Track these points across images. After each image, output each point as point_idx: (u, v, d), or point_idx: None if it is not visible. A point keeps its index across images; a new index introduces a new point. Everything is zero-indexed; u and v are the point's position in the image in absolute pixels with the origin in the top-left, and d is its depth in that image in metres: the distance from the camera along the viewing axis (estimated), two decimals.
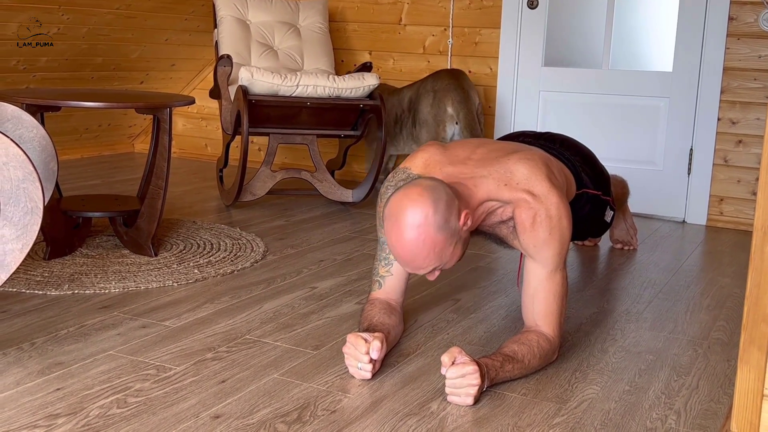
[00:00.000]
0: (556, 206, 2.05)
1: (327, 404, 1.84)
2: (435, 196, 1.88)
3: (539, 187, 2.06)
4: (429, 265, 1.91)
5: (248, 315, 2.40)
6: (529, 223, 2.05)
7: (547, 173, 2.09)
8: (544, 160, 2.14)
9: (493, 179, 2.07)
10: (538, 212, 2.04)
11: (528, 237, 2.06)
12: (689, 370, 2.15)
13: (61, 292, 2.50)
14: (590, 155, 2.64)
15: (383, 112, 3.73)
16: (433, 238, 1.87)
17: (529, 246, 2.07)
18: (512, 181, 2.07)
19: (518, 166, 2.08)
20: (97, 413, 1.73)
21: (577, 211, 2.24)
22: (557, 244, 2.06)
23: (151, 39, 4.50)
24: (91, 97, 2.79)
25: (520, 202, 2.05)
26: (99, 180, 4.34)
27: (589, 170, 2.55)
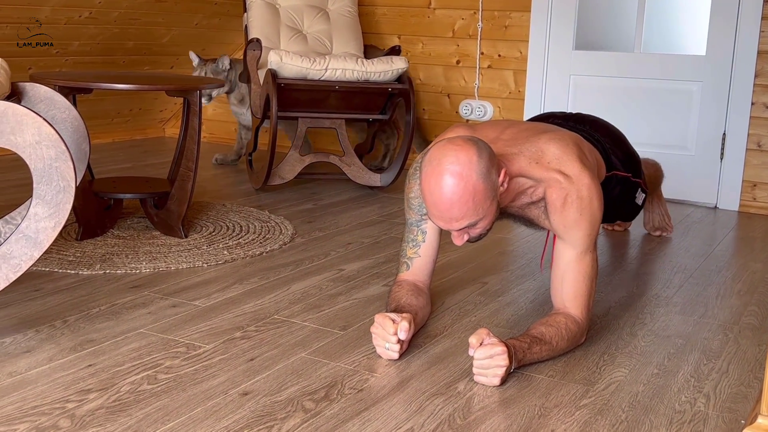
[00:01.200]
0: (587, 187, 2.03)
1: (354, 383, 1.85)
2: (479, 146, 1.88)
3: (571, 168, 2.04)
4: (465, 216, 1.87)
5: (276, 295, 2.42)
6: (560, 204, 2.03)
7: (578, 154, 2.08)
8: (575, 141, 2.13)
9: (525, 156, 2.06)
10: (570, 193, 2.02)
11: (558, 217, 2.05)
12: (719, 354, 2.13)
13: (92, 271, 2.54)
14: (620, 137, 2.62)
15: (412, 96, 3.72)
16: (474, 183, 1.84)
17: (559, 226, 2.06)
18: (543, 159, 2.05)
19: (549, 145, 2.07)
20: (127, 389, 1.76)
21: (606, 193, 2.23)
22: (588, 225, 2.05)
23: (181, 23, 4.52)
24: (122, 79, 2.82)
25: (551, 182, 2.04)
26: (130, 163, 4.38)
27: (619, 152, 2.53)
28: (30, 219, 1.88)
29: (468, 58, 4.48)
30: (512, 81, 4.39)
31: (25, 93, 2.27)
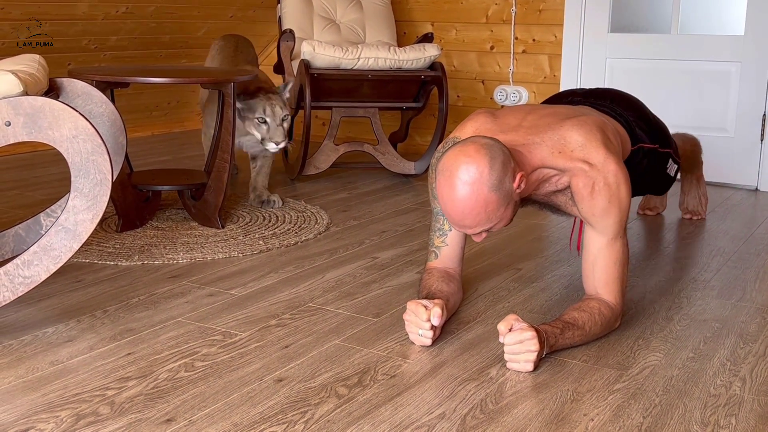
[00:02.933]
0: (614, 174, 2.02)
1: (387, 369, 1.87)
2: (492, 154, 1.87)
3: (596, 156, 2.03)
4: (478, 225, 1.90)
5: (311, 284, 2.44)
6: (587, 192, 2.02)
7: (602, 139, 2.06)
8: (598, 125, 2.11)
9: (547, 146, 2.04)
10: (596, 181, 2.01)
11: (587, 206, 2.03)
12: (756, 337, 2.11)
13: (131, 262, 2.59)
14: (643, 108, 2.58)
15: (445, 83, 3.71)
16: (486, 196, 1.86)
17: (588, 215, 2.05)
18: (567, 148, 2.04)
19: (572, 132, 2.05)
20: (165, 376, 1.80)
21: (634, 167, 2.20)
22: (617, 212, 2.03)
23: (216, 16, 4.57)
24: (158, 73, 2.86)
25: (576, 171, 2.03)
26: (169, 156, 4.45)
27: (643, 124, 2.50)
28: (69, 212, 1.93)
29: (502, 43, 4.46)
30: (547, 65, 4.36)
31: (63, 88, 2.32)
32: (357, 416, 1.65)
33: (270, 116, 3.09)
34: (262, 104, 3.09)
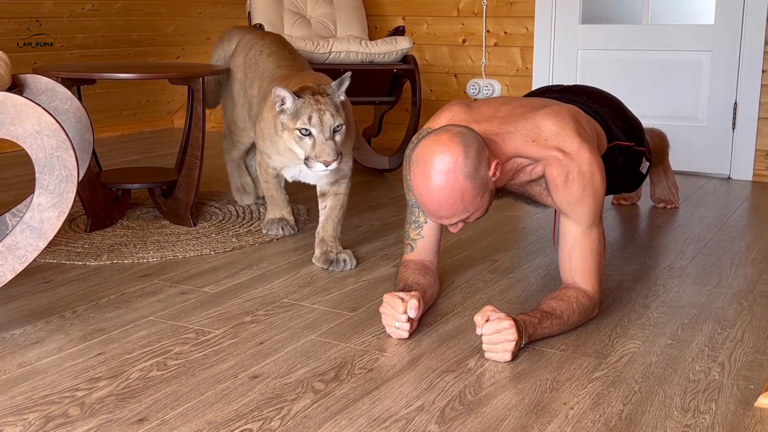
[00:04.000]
0: (588, 162, 2.00)
1: (364, 363, 1.84)
2: (466, 142, 1.85)
3: (569, 144, 2.01)
4: (455, 214, 1.87)
5: (286, 280, 2.41)
6: (561, 181, 2.01)
7: (576, 128, 2.05)
8: (572, 114, 2.09)
9: (521, 135, 2.03)
10: (570, 170, 1.99)
11: (561, 195, 2.02)
12: (734, 323, 2.10)
13: (101, 262, 2.54)
14: (620, 105, 2.57)
15: (417, 76, 3.69)
16: (462, 185, 1.83)
17: (563, 204, 2.03)
18: (540, 137, 2.02)
19: (546, 121, 2.04)
20: (137, 376, 1.76)
21: (609, 164, 2.19)
22: (591, 201, 2.02)
23: (184, 12, 4.51)
24: (125, 69, 2.81)
25: (550, 160, 2.01)
26: (139, 155, 4.38)
27: (620, 121, 2.49)
28: (34, 209, 1.88)
29: (474, 36, 4.44)
30: (519, 58, 4.35)
31: (27, 85, 2.26)
32: (334, 411, 1.62)
33: (317, 126, 2.32)
34: (307, 110, 2.33)
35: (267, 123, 2.57)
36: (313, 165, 2.32)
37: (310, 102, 2.34)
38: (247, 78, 2.88)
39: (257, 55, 2.88)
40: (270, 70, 2.79)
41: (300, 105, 2.34)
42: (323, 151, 2.30)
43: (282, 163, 2.61)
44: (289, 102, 2.35)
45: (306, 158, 2.35)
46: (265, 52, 2.87)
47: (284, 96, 2.35)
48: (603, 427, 1.56)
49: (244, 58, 2.94)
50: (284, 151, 2.51)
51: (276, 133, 2.51)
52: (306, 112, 2.32)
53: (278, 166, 2.65)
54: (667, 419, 1.59)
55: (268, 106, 2.56)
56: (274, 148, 2.56)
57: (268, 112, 2.55)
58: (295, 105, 2.35)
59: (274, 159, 2.62)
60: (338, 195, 2.59)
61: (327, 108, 2.34)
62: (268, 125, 2.56)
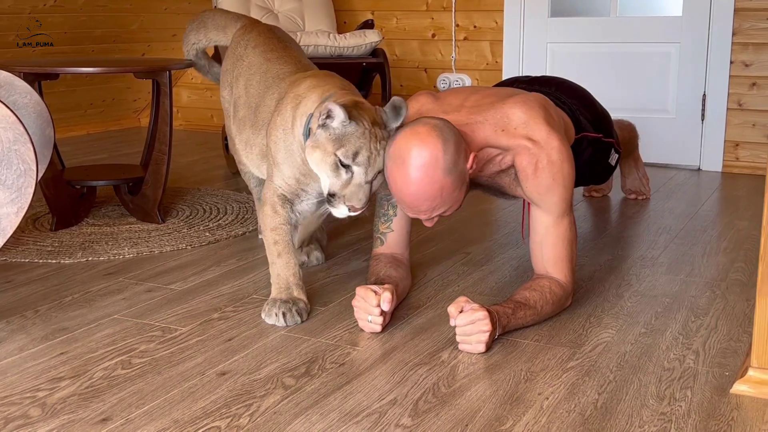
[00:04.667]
0: (557, 150, 1.98)
1: (336, 357, 1.80)
2: (444, 136, 1.82)
3: (538, 132, 1.99)
4: (433, 209, 1.85)
5: (255, 275, 2.36)
6: (531, 171, 1.98)
7: (545, 116, 2.02)
8: (540, 102, 2.07)
9: (490, 125, 2.00)
10: (540, 159, 1.97)
11: (531, 185, 1.99)
12: (707, 310, 2.09)
13: (75, 260, 2.48)
14: (588, 97, 2.56)
15: (387, 70, 3.66)
16: (441, 180, 1.81)
17: (533, 194, 2.01)
18: (509, 126, 2.00)
19: (514, 110, 2.01)
20: (101, 375, 1.70)
21: (577, 156, 2.17)
22: (561, 189, 2.00)
23: (149, 8, 4.44)
24: (88, 63, 2.75)
25: (520, 149, 1.99)
26: (105, 154, 4.30)
27: (588, 113, 2.47)
28: None
29: (443, 31, 4.42)
30: (489, 52, 4.33)
31: None
32: (305, 406, 1.58)
33: (362, 166, 1.84)
34: (357, 142, 1.83)
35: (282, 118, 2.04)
36: (337, 206, 1.87)
37: (365, 134, 1.84)
38: (234, 77, 2.42)
39: (242, 50, 2.43)
40: (257, 63, 2.33)
41: (351, 131, 1.84)
42: (355, 196, 1.85)
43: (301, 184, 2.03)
44: (338, 121, 1.84)
45: (330, 194, 1.88)
46: (250, 45, 2.41)
47: (335, 113, 1.83)
48: (578, 417, 1.54)
49: (232, 58, 2.46)
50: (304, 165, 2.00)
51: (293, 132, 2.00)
52: (355, 144, 1.83)
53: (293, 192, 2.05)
54: (642, 407, 1.58)
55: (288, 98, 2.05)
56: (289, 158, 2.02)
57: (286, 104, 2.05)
58: (343, 128, 1.84)
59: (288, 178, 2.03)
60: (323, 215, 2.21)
61: (382, 148, 1.87)
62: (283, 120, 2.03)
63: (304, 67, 2.28)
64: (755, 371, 1.64)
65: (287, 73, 2.22)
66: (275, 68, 2.26)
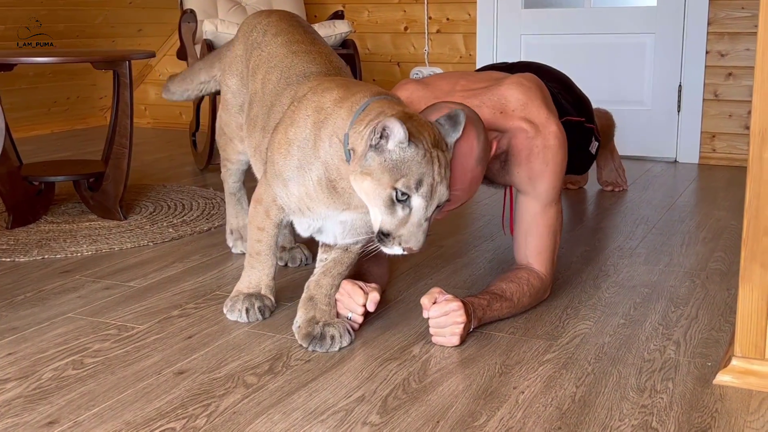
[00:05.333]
0: (554, 135, 1.91)
1: (302, 354, 1.71)
2: (477, 127, 1.71)
3: (537, 115, 1.91)
4: (460, 201, 1.73)
5: (219, 272, 2.26)
6: (525, 155, 1.90)
7: (542, 98, 1.95)
8: (537, 83, 1.99)
9: (488, 108, 1.92)
10: (536, 143, 1.89)
11: (523, 169, 1.92)
12: (687, 300, 2.02)
13: (30, 258, 2.36)
14: (567, 81, 2.50)
15: (357, 61, 3.57)
16: (473, 170, 1.71)
17: (523, 179, 1.93)
18: (507, 108, 1.92)
19: (512, 91, 1.93)
20: (50, 376, 1.60)
21: None
22: (552, 177, 1.92)
23: (113, 2, 4.32)
24: (44, 53, 2.63)
25: (517, 132, 1.91)
26: (69, 152, 4.17)
27: (569, 96, 2.41)
28: None
29: (416, 23, 4.34)
30: (462, 45, 4.26)
31: None
32: (267, 405, 1.48)
33: (425, 198, 1.54)
34: (421, 168, 1.53)
35: (299, 131, 1.71)
36: (391, 246, 1.56)
37: (429, 159, 1.53)
38: (249, 68, 2.09)
39: (260, 36, 2.08)
40: (281, 55, 1.98)
41: (412, 156, 1.52)
42: (414, 237, 1.54)
43: (304, 205, 1.75)
44: (395, 142, 1.51)
45: (383, 233, 1.57)
46: (270, 32, 2.07)
47: (394, 131, 1.51)
48: (555, 411, 1.46)
49: (244, 44, 2.14)
50: (318, 188, 1.70)
51: (314, 152, 1.68)
52: (417, 172, 1.52)
53: (293, 208, 1.79)
54: (622, 400, 1.50)
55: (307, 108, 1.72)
56: (300, 176, 1.71)
57: (305, 117, 1.72)
58: (402, 152, 1.52)
59: (293, 195, 1.75)
60: (349, 252, 1.85)
61: (446, 174, 1.56)
62: (301, 135, 1.71)
63: (335, 69, 1.93)
64: (738, 360, 1.57)
65: (315, 73, 1.89)
66: (301, 66, 1.92)
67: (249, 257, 1.92)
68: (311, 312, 1.79)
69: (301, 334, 1.76)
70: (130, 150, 2.74)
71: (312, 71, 1.90)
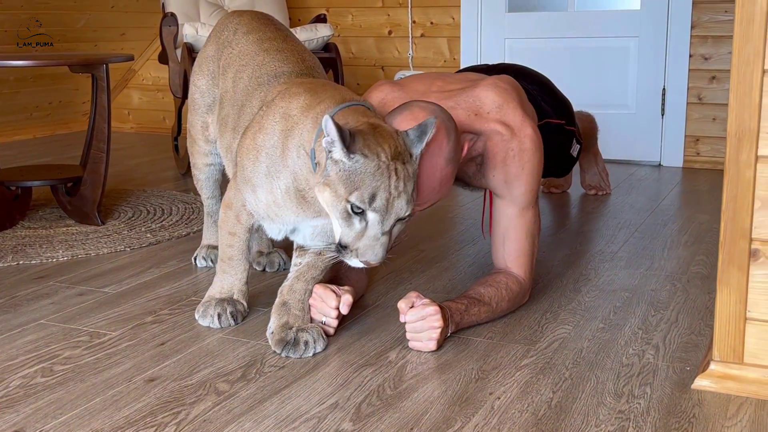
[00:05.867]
0: (530, 138, 1.89)
1: (275, 361, 1.68)
2: (447, 126, 1.67)
3: (513, 117, 1.89)
4: (429, 201, 1.70)
5: (195, 277, 2.24)
6: (501, 158, 1.88)
7: (518, 100, 1.93)
8: (513, 85, 1.97)
9: (462, 109, 1.90)
10: (511, 146, 1.87)
11: (499, 172, 1.89)
12: (668, 304, 2.01)
13: (4, 264, 2.33)
14: (548, 83, 2.48)
15: (339, 65, 3.55)
16: (443, 170, 1.67)
17: (500, 182, 1.90)
18: (482, 110, 1.90)
19: (487, 93, 1.91)
20: (18, 383, 1.57)
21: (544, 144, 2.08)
22: (529, 179, 1.90)
23: (95, 6, 4.29)
24: (20, 56, 2.60)
25: (492, 135, 1.88)
26: (50, 157, 4.13)
27: (549, 99, 2.39)
28: None
29: (400, 27, 4.32)
30: (446, 49, 4.25)
31: None
32: (238, 413, 1.46)
33: (380, 212, 1.51)
34: (375, 182, 1.49)
35: (267, 138, 1.68)
36: (349, 258, 1.55)
37: (384, 171, 1.50)
38: (220, 67, 2.05)
39: (231, 35, 2.04)
40: (252, 53, 1.94)
41: (363, 168, 1.49)
42: (370, 251, 1.52)
43: (272, 212, 1.73)
44: (337, 150, 1.49)
45: (341, 245, 1.55)
46: (240, 31, 2.03)
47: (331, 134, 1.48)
48: (531, 417, 1.44)
49: (215, 44, 2.10)
50: (286, 197, 1.68)
51: (282, 161, 1.66)
52: (371, 186, 1.49)
53: (262, 214, 1.76)
54: (599, 406, 1.48)
55: (275, 114, 1.70)
56: (268, 183, 1.69)
57: (273, 123, 1.69)
58: (354, 163, 1.49)
59: (261, 201, 1.72)
60: (322, 256, 1.81)
61: (406, 187, 1.52)
62: (269, 143, 1.68)
63: (308, 68, 1.89)
64: (717, 365, 1.55)
65: (286, 73, 1.85)
66: (273, 64, 1.88)
67: (221, 262, 1.89)
68: (284, 317, 1.76)
69: (275, 339, 1.73)
70: (108, 154, 2.71)
71: (284, 71, 1.86)
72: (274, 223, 1.76)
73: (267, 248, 2.32)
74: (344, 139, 1.48)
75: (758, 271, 1.49)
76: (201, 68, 2.15)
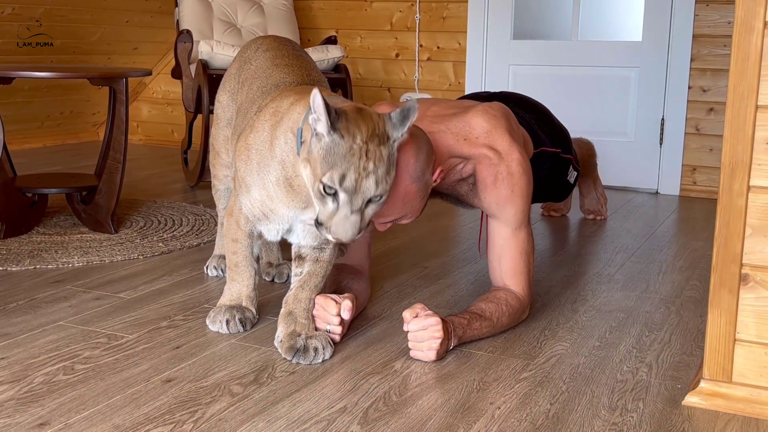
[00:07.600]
0: (517, 162, 1.98)
1: (286, 366, 1.76)
2: (419, 144, 1.78)
3: (501, 142, 1.99)
4: (391, 214, 1.81)
5: (207, 285, 2.32)
6: (490, 181, 1.98)
7: (507, 127, 2.02)
8: (503, 112, 2.07)
9: (452, 134, 1.99)
10: (500, 170, 1.97)
11: (490, 195, 1.99)
12: (661, 326, 2.09)
13: (22, 267, 2.41)
14: (547, 113, 2.57)
15: (349, 85, 3.65)
16: (406, 187, 1.77)
17: (491, 204, 2.00)
18: (471, 135, 1.99)
19: (477, 119, 2.01)
20: (41, 380, 1.65)
21: (536, 171, 2.17)
22: (519, 201, 1.99)
23: (110, 20, 4.39)
24: (43, 68, 2.70)
25: (481, 159, 1.98)
26: (61, 166, 4.22)
27: (546, 128, 2.48)
28: None
29: (407, 50, 4.43)
30: (452, 73, 4.35)
31: None
32: (251, 414, 1.53)
33: (348, 192, 1.60)
34: (345, 162, 1.58)
35: (257, 136, 1.79)
36: (324, 234, 1.65)
37: (355, 151, 1.58)
38: (240, 82, 2.17)
39: (252, 53, 2.17)
40: (264, 68, 2.06)
41: (338, 147, 1.58)
42: (341, 229, 1.61)
43: (266, 208, 1.81)
44: (324, 127, 1.58)
45: (317, 221, 1.66)
46: (261, 49, 2.16)
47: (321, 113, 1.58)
48: (529, 426, 1.52)
49: (238, 62, 2.23)
50: (277, 188, 1.77)
51: (271, 152, 1.75)
52: (341, 166, 1.58)
53: (257, 215, 1.85)
54: (594, 418, 1.56)
55: (265, 114, 1.81)
56: (260, 179, 1.78)
57: (263, 121, 1.80)
58: (332, 141, 1.59)
59: (255, 200, 1.81)
60: (320, 262, 1.90)
61: (375, 168, 1.60)
62: (259, 139, 1.78)
63: (312, 80, 2.01)
64: (707, 383, 1.63)
65: (288, 83, 1.96)
66: (279, 75, 2.00)
67: (229, 270, 1.99)
68: (291, 326, 1.84)
69: (285, 347, 1.81)
70: (124, 165, 2.80)
71: (286, 81, 1.97)
72: (270, 223, 1.85)
73: (276, 260, 2.41)
74: (329, 113, 1.57)
75: (748, 294, 1.58)
76: (224, 85, 2.29)
